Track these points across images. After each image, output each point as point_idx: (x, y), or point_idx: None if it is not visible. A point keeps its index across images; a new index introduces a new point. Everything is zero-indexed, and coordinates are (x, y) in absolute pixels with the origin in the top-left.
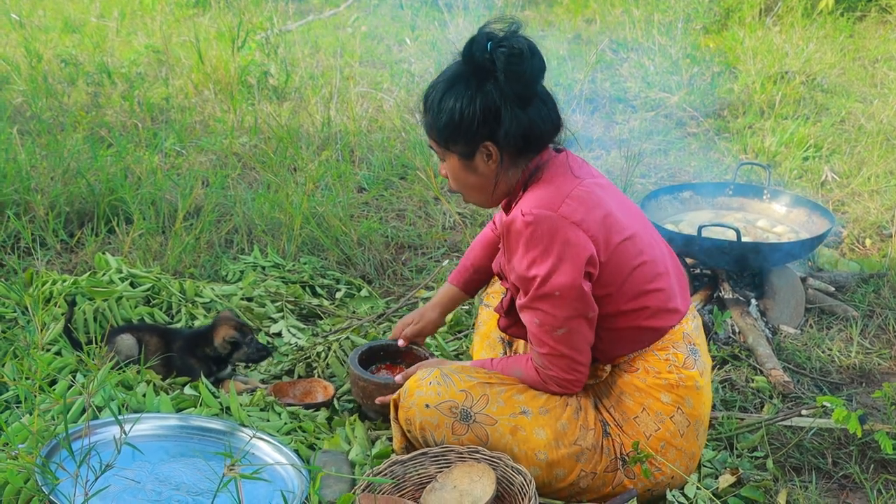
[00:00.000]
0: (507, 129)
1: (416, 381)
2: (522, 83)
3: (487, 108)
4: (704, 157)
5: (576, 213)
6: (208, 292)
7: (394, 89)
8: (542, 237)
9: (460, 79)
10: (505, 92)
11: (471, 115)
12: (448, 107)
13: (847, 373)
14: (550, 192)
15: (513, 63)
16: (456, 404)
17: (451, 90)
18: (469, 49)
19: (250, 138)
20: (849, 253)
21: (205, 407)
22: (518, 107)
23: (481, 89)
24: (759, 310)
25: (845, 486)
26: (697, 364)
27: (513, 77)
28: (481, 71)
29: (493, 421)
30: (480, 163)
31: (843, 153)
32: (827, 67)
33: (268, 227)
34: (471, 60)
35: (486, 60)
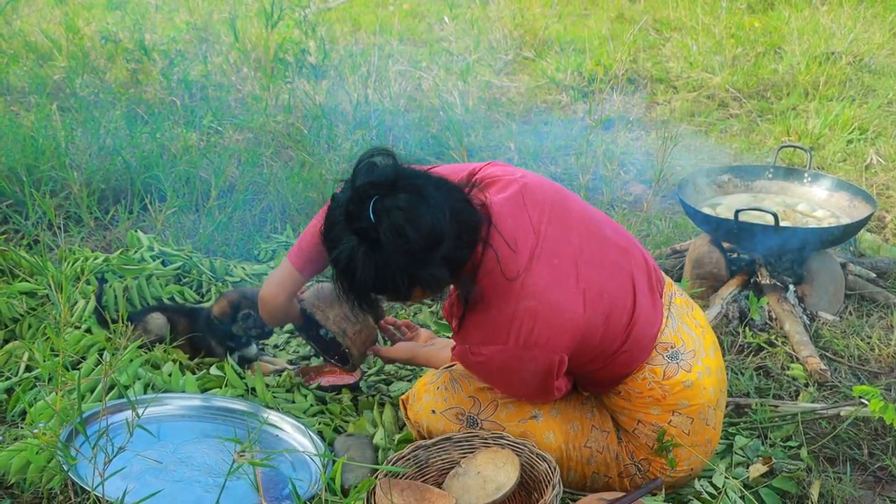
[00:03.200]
0: (428, 285)
1: (423, 385)
2: (416, 257)
3: (396, 276)
4: (746, 139)
5: (520, 338)
6: (239, 271)
7: (433, 68)
8: (498, 370)
9: (358, 247)
10: (403, 265)
11: (387, 283)
12: (357, 281)
13: (886, 361)
14: (491, 322)
15: (398, 244)
16: (463, 411)
17: (354, 263)
18: (357, 220)
19: (286, 116)
20: (892, 238)
21: (230, 388)
22: (424, 268)
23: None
24: (797, 296)
25: (881, 478)
26: (680, 365)
27: (404, 254)
28: (374, 239)
29: (500, 427)
30: (413, 298)
31: (889, 136)
32: (875, 48)
33: (301, 206)
34: (358, 232)
35: (369, 227)
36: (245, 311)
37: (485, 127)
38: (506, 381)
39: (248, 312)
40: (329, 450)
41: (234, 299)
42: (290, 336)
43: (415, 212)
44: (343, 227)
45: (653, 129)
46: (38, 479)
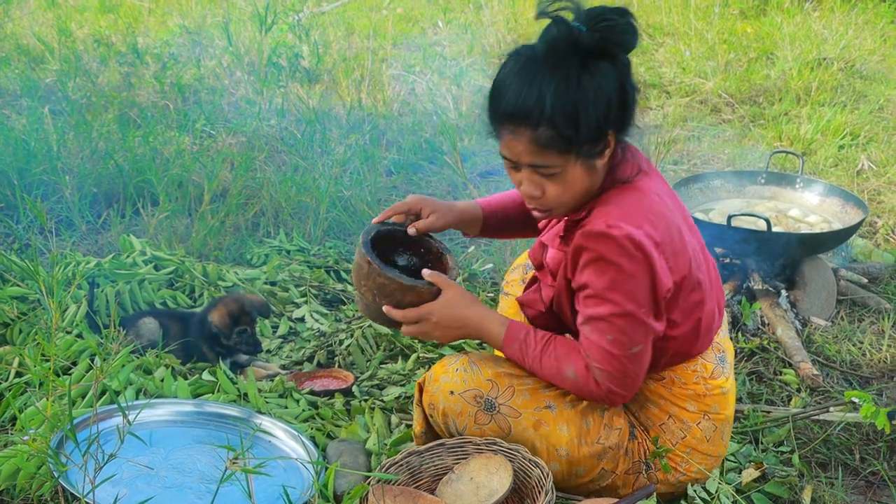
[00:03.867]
0: (630, 106)
1: (442, 367)
2: (630, 49)
3: (616, 91)
4: (739, 145)
5: (657, 234)
6: (231, 276)
7: (427, 72)
8: (628, 256)
9: (574, 74)
10: (620, 66)
11: (606, 105)
12: (584, 107)
13: (878, 367)
14: (630, 203)
15: (619, 33)
16: (481, 393)
17: (577, 89)
18: (572, 38)
19: (279, 120)
20: (883, 244)
21: (222, 393)
22: (630, 77)
23: (601, 74)
24: (790, 301)
25: (873, 483)
26: (724, 371)
27: (626, 46)
28: (590, 55)
29: (517, 413)
30: (602, 158)
31: (880, 141)
32: (866, 54)
33: (294, 210)
34: (578, 48)
35: (595, 41)
36: (241, 328)
37: (478, 131)
38: (623, 275)
39: (244, 329)
40: (321, 455)
41: (235, 312)
42: (283, 341)
43: (616, 9)
44: (544, 72)
45: (646, 134)
46: (29, 486)
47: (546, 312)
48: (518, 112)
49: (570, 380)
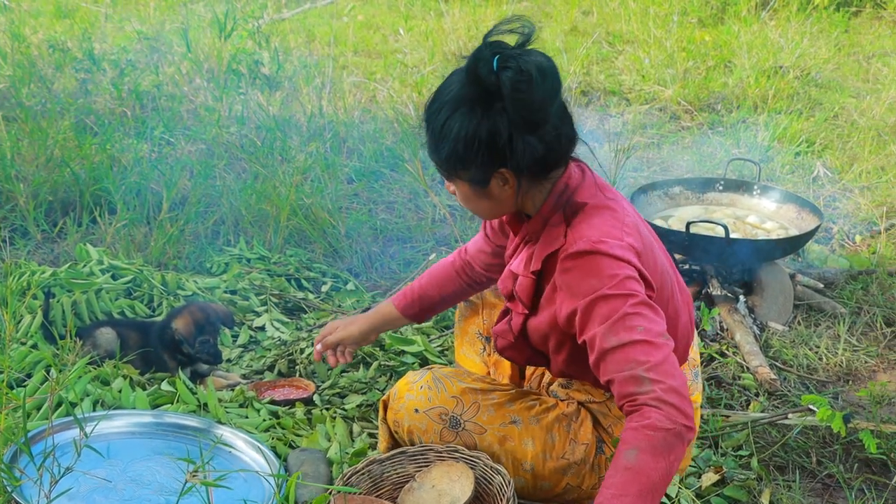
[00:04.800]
0: (519, 157)
1: (406, 384)
2: (532, 110)
3: (496, 136)
4: (697, 152)
5: (636, 244)
6: (191, 285)
7: (387, 80)
8: (620, 263)
9: (465, 101)
10: (514, 119)
11: (477, 143)
12: (452, 133)
13: (834, 370)
14: (607, 221)
15: (520, 89)
16: (446, 411)
17: (455, 114)
18: (474, 68)
19: (239, 128)
20: (839, 249)
21: (182, 403)
22: (530, 133)
23: (488, 114)
24: (748, 306)
25: (829, 485)
26: (698, 386)
27: (520, 105)
28: (487, 93)
29: (482, 430)
30: (495, 188)
31: (835, 148)
32: (821, 62)
33: (254, 218)
34: (476, 81)
35: (492, 83)
36: (204, 338)
37: None
38: (620, 279)
39: (206, 339)
40: (283, 465)
41: (200, 321)
42: (244, 350)
43: (545, 64)
44: (455, 86)
45: (606, 142)
46: None
47: (515, 342)
48: (425, 117)
49: (639, 450)
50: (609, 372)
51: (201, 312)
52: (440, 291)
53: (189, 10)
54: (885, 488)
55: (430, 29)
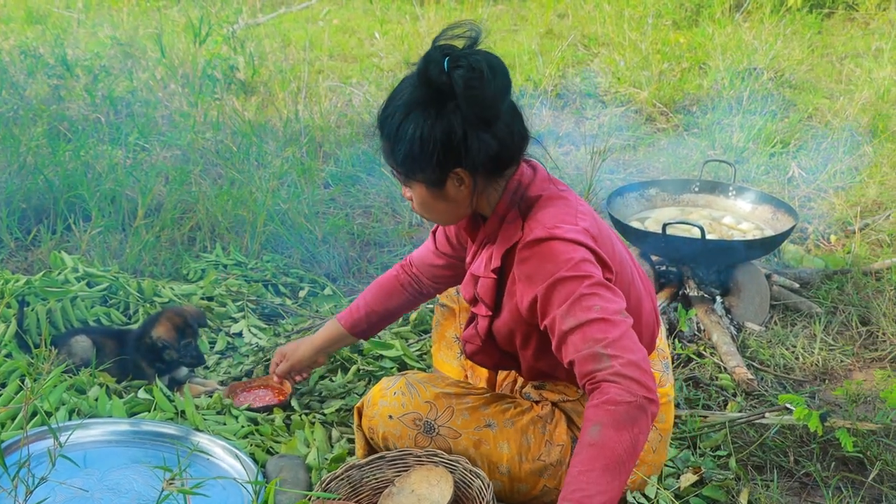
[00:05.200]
0: (474, 155)
1: (380, 390)
2: (484, 106)
3: (451, 135)
4: (673, 153)
5: (592, 228)
6: (167, 292)
7: (363, 84)
8: (575, 246)
9: (418, 104)
10: (467, 116)
11: (433, 143)
12: (408, 135)
13: (810, 370)
14: (561, 209)
15: (472, 86)
16: (420, 416)
17: (409, 117)
18: (425, 70)
19: (215, 133)
20: (814, 249)
21: (159, 411)
22: (484, 130)
23: (441, 114)
24: (724, 307)
25: (807, 484)
26: (669, 378)
27: (473, 101)
28: (439, 94)
29: (457, 434)
30: (451, 189)
31: (809, 149)
32: (795, 64)
33: (231, 224)
34: (427, 83)
35: (444, 83)
36: (186, 340)
37: None
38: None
39: (188, 341)
40: (261, 471)
41: (180, 324)
42: (221, 357)
43: (494, 61)
44: (407, 90)
45: (582, 144)
46: None
47: (483, 346)
48: (380, 121)
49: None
50: (569, 353)
51: (179, 316)
52: (386, 306)
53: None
54: (862, 486)
55: (406, 32)
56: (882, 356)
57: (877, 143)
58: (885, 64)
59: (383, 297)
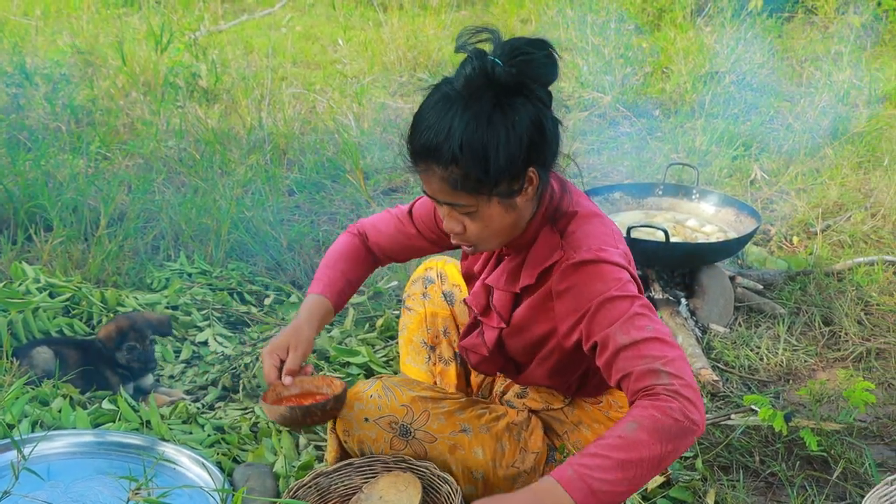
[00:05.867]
0: (551, 141)
1: (356, 394)
2: (548, 88)
3: (532, 128)
4: (637, 157)
5: (628, 251)
6: (131, 301)
7: (327, 90)
8: (620, 269)
9: (485, 112)
10: (536, 101)
11: (518, 143)
12: (494, 146)
13: (774, 370)
14: (600, 229)
15: (537, 69)
16: (396, 419)
17: (487, 128)
18: (487, 73)
19: (178, 141)
20: (777, 251)
21: (124, 422)
22: (550, 111)
23: (514, 110)
24: (689, 309)
25: (772, 483)
26: None
27: (543, 83)
28: (505, 91)
29: (432, 438)
30: (523, 196)
31: (771, 152)
32: (756, 67)
33: (195, 232)
34: (492, 83)
35: (511, 76)
36: (131, 344)
37: (380, 148)
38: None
39: (133, 345)
40: (228, 480)
41: (124, 327)
42: (186, 366)
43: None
44: (460, 103)
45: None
46: None
47: (490, 356)
48: (429, 150)
49: (638, 426)
50: (623, 368)
51: (127, 320)
52: (358, 275)
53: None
54: (826, 484)
55: (369, 39)
56: (845, 356)
57: (837, 146)
58: (844, 67)
59: (356, 265)
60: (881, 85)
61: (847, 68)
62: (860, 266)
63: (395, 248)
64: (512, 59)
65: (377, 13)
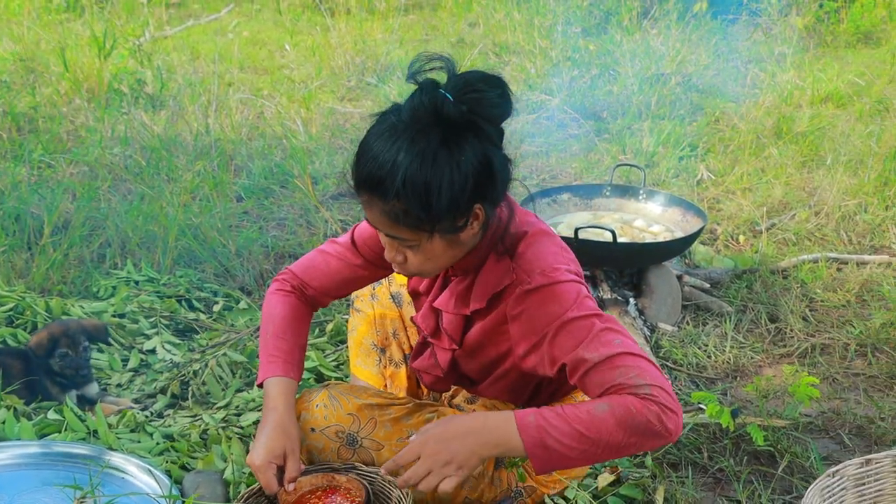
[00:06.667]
0: (498, 179)
1: (302, 403)
2: (500, 126)
3: (479, 167)
4: (585, 159)
5: (578, 267)
6: (77, 310)
7: (275, 96)
8: (575, 285)
9: (431, 149)
10: (485, 140)
11: (463, 182)
12: (437, 185)
13: (722, 367)
14: (549, 248)
15: (488, 106)
16: (343, 428)
17: (432, 166)
18: (437, 108)
19: (123, 148)
20: (724, 249)
21: (70, 432)
22: (501, 151)
23: (461, 149)
24: (638, 308)
25: (720, 479)
26: None
27: (494, 122)
28: (454, 128)
29: (379, 446)
30: (468, 231)
31: (717, 152)
32: (701, 69)
33: (142, 240)
34: (441, 119)
35: (461, 114)
36: (63, 350)
37: (329, 153)
38: (582, 297)
39: (65, 352)
40: (178, 488)
41: (55, 333)
42: (134, 374)
43: (492, 78)
44: (407, 136)
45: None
46: None
47: (445, 377)
48: (372, 182)
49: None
50: (599, 384)
51: (59, 326)
52: (305, 338)
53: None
54: (773, 478)
55: (317, 44)
56: (790, 352)
57: (781, 145)
58: (787, 68)
59: (302, 327)
60: (823, 85)
61: (790, 69)
62: (804, 263)
63: (337, 284)
64: (463, 95)
65: (324, 18)
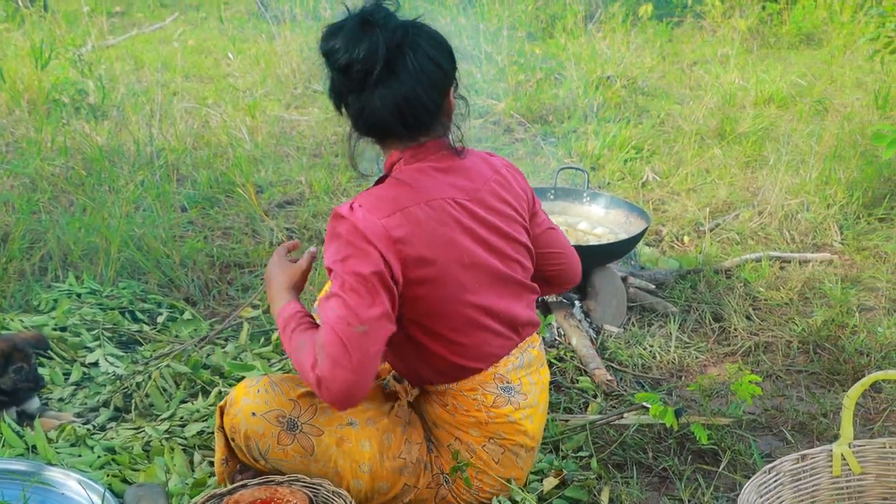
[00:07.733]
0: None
1: (243, 389)
2: None
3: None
4: (530, 162)
5: (399, 231)
6: (16, 324)
7: (220, 104)
8: (357, 238)
9: None
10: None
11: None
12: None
13: (667, 368)
14: (387, 197)
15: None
16: (283, 413)
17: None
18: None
19: (64, 160)
20: (669, 250)
21: (8, 447)
22: None
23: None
24: (583, 311)
25: (665, 478)
26: (511, 401)
27: None
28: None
29: (319, 431)
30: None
31: (662, 154)
32: (647, 71)
33: (84, 252)
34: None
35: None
36: (17, 366)
37: (275, 161)
38: (349, 251)
39: (20, 366)
40: (120, 502)
41: (6, 350)
42: (77, 388)
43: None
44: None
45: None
46: None
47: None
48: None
49: (300, 353)
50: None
51: (5, 342)
52: None
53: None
54: (715, 476)
55: (262, 52)
56: (734, 350)
57: (725, 146)
58: (731, 69)
59: None
60: (766, 86)
61: (734, 70)
62: (748, 262)
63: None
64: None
65: (269, 26)
